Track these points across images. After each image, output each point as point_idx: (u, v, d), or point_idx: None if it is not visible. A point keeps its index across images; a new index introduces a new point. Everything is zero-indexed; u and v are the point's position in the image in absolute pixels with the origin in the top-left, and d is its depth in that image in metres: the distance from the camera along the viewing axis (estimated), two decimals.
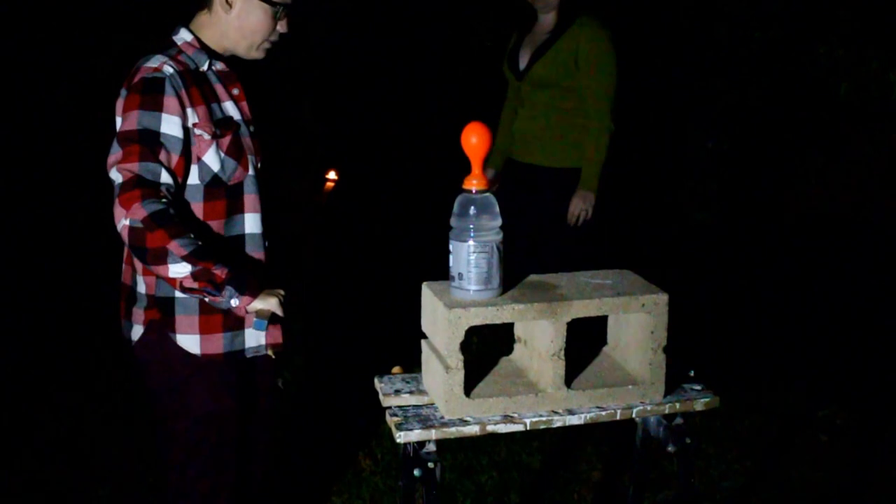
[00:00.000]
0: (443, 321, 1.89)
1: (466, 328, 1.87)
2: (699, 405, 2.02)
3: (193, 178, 2.24)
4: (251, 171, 2.31)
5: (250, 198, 2.32)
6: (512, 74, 3.94)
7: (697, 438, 2.07)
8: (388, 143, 7.36)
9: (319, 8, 6.98)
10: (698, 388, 2.07)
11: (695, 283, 5.13)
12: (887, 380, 4.17)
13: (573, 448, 3.60)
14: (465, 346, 1.87)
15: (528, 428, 1.92)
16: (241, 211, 2.32)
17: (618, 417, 1.97)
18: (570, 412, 1.94)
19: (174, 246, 2.08)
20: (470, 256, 1.89)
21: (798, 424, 3.84)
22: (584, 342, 2.17)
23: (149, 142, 2.15)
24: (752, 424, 3.80)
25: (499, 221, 1.92)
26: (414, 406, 1.98)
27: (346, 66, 7.62)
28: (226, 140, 2.26)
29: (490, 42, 6.69)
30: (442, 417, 1.91)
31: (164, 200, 2.11)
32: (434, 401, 1.98)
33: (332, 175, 3.29)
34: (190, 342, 2.30)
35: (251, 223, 2.34)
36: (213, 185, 2.25)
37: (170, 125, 2.17)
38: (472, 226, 1.89)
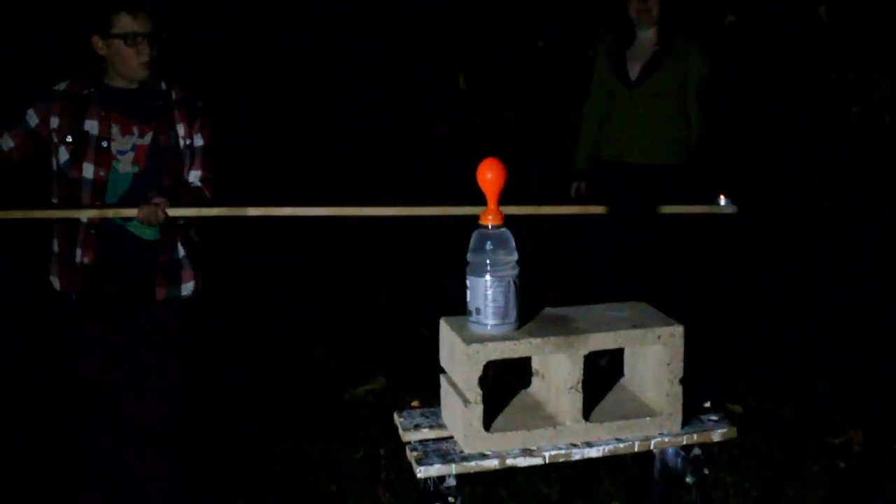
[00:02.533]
0: (461, 356, 1.90)
1: (484, 363, 1.89)
2: (716, 436, 2.03)
3: (55, 164, 3.05)
4: (86, 174, 3.01)
5: (85, 193, 3.02)
6: (621, 84, 4.37)
7: (715, 468, 2.08)
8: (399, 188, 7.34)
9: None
10: (715, 418, 2.08)
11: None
12: None
13: (592, 479, 3.60)
14: (483, 380, 1.89)
15: (547, 461, 1.93)
16: (79, 200, 3.03)
17: (636, 449, 1.98)
18: (589, 444, 1.95)
19: None
20: (487, 291, 1.91)
21: (815, 450, 3.83)
22: (601, 373, 2.19)
23: (15, 119, 3.05)
24: (768, 452, 3.79)
25: (515, 256, 1.94)
26: (434, 440, 1.99)
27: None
28: (70, 146, 3.01)
29: (465, 85, 6.78)
30: (461, 452, 1.92)
31: None
32: (453, 435, 1.99)
33: None
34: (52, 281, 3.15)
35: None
36: (62, 173, 3.04)
37: (31, 117, 3.03)
38: (488, 261, 1.91)
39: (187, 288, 3.14)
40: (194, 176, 3.14)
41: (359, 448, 3.89)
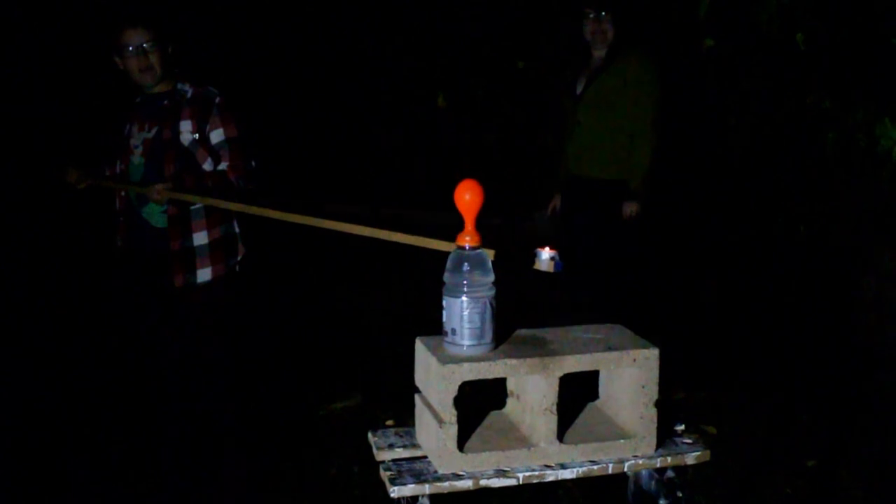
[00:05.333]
0: (436, 376, 1.90)
1: (460, 383, 1.88)
2: (690, 458, 2.04)
3: None
4: (118, 168, 3.49)
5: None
6: (570, 101, 4.47)
7: (689, 490, 2.08)
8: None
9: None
10: (689, 440, 2.08)
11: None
12: (877, 423, 4.18)
13: (566, 501, 3.60)
14: (457, 401, 1.89)
15: (521, 482, 1.93)
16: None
17: (610, 471, 1.98)
18: (563, 466, 1.95)
19: None
20: (463, 312, 1.91)
21: (789, 472, 3.84)
22: (575, 394, 2.19)
23: None
24: (743, 474, 3.80)
25: (491, 277, 1.94)
26: (407, 460, 1.99)
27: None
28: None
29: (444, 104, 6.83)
30: (435, 472, 1.92)
31: None
32: (427, 455, 1.99)
33: None
34: None
35: None
36: None
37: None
38: (465, 282, 1.91)
39: (203, 275, 3.35)
40: (223, 167, 3.37)
41: (332, 465, 3.87)
